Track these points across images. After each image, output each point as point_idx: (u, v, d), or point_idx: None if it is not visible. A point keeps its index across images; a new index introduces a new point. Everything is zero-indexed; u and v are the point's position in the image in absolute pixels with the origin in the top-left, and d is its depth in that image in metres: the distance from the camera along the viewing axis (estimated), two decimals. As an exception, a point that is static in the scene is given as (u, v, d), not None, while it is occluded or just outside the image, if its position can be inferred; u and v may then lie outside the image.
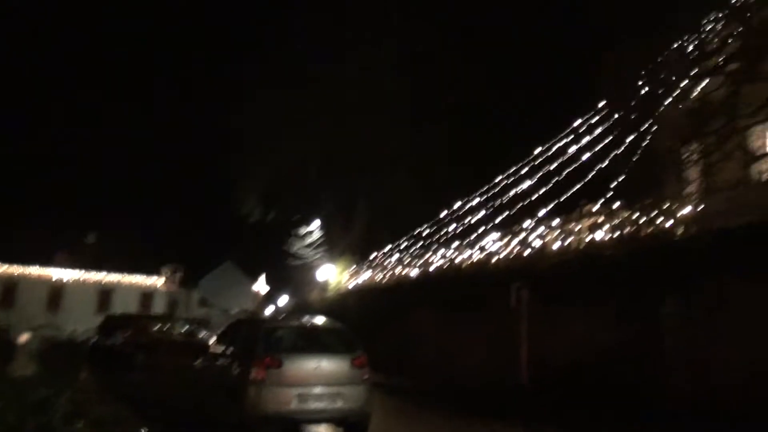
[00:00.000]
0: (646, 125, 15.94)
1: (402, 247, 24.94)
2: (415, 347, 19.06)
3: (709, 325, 11.03)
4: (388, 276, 24.01)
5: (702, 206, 12.71)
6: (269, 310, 78.86)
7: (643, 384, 11.65)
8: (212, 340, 12.45)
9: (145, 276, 46.02)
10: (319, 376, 9.50)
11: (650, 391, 11.51)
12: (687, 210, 12.20)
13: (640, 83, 15.19)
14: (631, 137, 16.25)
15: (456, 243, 20.03)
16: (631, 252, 12.64)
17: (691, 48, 15.00)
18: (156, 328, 21.02)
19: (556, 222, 15.67)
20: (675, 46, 15.01)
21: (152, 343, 18.90)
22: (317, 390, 9.43)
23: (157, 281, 46.47)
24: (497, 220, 20.87)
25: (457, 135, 35.03)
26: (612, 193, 15.55)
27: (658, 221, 12.59)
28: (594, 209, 14.66)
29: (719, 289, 10.83)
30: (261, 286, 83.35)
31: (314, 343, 10.15)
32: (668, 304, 11.74)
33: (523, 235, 16.64)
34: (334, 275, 29.31)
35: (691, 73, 14.39)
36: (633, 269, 12.43)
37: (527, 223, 17.12)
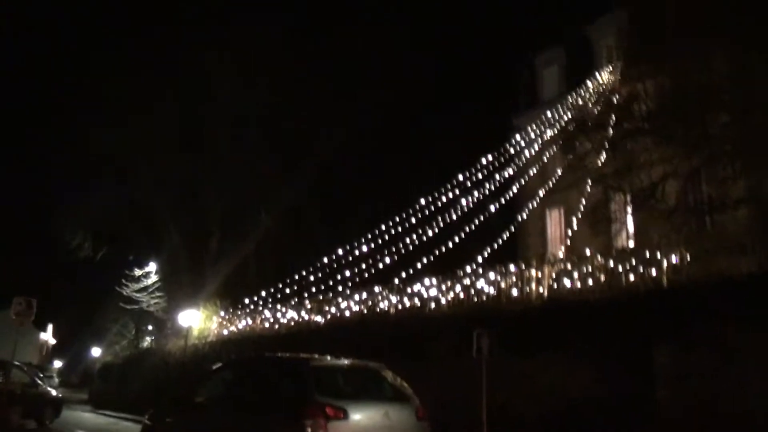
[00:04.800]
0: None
1: (291, 290, 23.09)
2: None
3: (708, 375, 11.18)
4: (282, 322, 22.02)
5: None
6: (57, 364, 69.28)
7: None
8: (188, 389, 9.89)
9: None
10: (388, 430, 7.86)
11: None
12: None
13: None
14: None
15: (378, 288, 18.89)
16: (619, 299, 12.65)
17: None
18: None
19: (513, 268, 15.40)
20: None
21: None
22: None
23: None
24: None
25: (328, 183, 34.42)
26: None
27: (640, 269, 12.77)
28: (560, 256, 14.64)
29: (718, 338, 11.08)
30: (49, 335, 73.22)
31: (372, 388, 8.46)
32: (662, 353, 11.82)
33: (468, 281, 16.10)
34: (198, 321, 26.23)
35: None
36: (618, 316, 12.45)
37: (469, 269, 16.65)
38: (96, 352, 51.20)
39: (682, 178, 15.82)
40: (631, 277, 12.98)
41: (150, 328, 40.10)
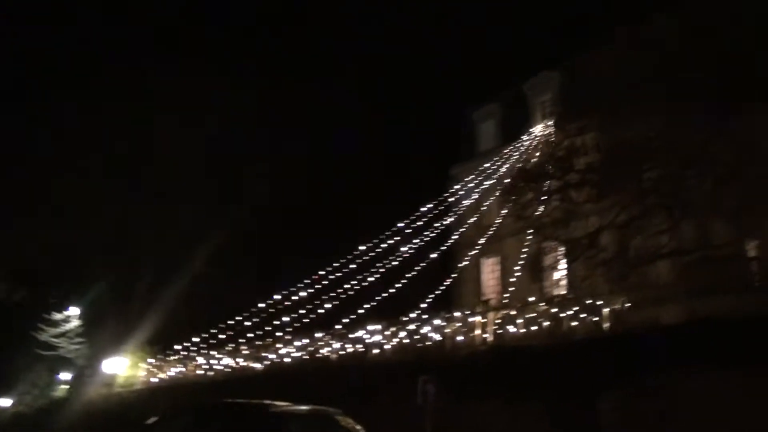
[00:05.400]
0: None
1: (226, 336, 22.39)
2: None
3: (653, 423, 11.41)
4: (217, 368, 21.24)
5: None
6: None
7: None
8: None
9: None
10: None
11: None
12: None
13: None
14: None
15: (320, 333, 18.57)
16: (563, 346, 12.89)
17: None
18: None
19: (457, 314, 15.49)
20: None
21: None
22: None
23: None
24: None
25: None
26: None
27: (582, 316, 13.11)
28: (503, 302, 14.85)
29: (661, 385, 11.41)
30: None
31: None
32: (605, 401, 11.99)
33: (413, 326, 16.07)
34: (124, 369, 24.95)
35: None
36: (562, 363, 12.65)
37: (412, 316, 16.64)
38: (5, 402, 47.65)
39: (617, 230, 16.48)
40: (574, 324, 13.26)
41: (68, 376, 37.79)
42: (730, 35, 14.18)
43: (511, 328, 14.13)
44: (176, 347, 24.37)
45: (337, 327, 18.44)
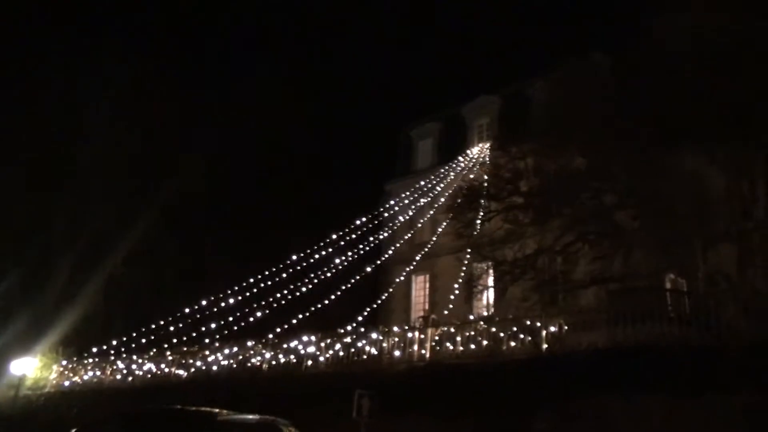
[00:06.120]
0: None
1: (147, 340, 21.52)
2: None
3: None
4: (137, 374, 20.36)
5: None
6: None
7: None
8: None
9: None
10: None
11: None
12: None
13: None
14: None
15: (251, 342, 18.14)
16: (501, 364, 13.15)
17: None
18: None
19: (396, 329, 15.53)
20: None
21: None
22: None
23: None
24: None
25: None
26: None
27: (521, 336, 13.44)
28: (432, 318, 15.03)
29: (599, 406, 11.85)
30: None
31: None
32: (540, 420, 12.32)
33: (349, 339, 16.00)
34: (33, 370, 23.47)
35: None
36: (500, 382, 12.91)
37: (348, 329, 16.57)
38: None
39: (554, 254, 17.05)
40: (512, 344, 13.57)
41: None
42: (671, 72, 14.92)
43: (450, 345, 14.28)
44: (93, 350, 23.18)
45: (269, 336, 18.07)
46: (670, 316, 14.74)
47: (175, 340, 21.10)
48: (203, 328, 21.49)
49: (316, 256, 24.15)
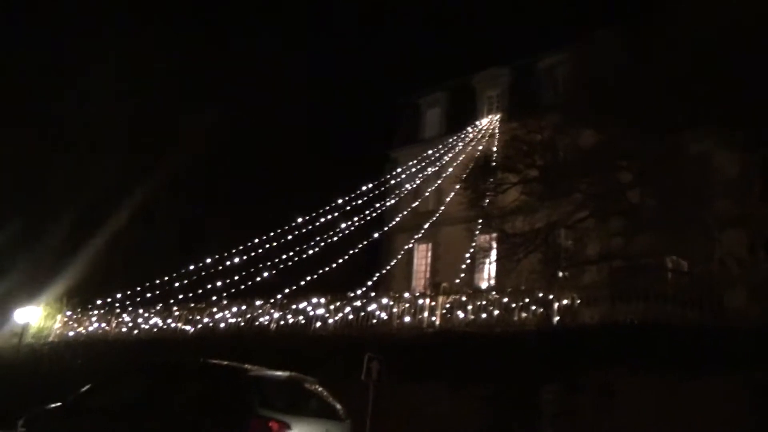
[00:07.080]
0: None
1: (153, 295, 21.65)
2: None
3: (590, 415, 12.01)
4: (143, 327, 20.53)
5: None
6: None
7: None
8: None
9: None
10: (329, 447, 7.63)
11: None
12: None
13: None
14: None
15: (259, 301, 18.29)
16: (511, 335, 13.32)
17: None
18: None
19: (407, 295, 15.68)
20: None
21: None
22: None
23: None
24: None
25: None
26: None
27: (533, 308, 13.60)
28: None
29: (605, 381, 12.03)
30: None
31: (309, 403, 8.16)
32: (548, 391, 12.51)
33: (359, 303, 16.15)
34: (37, 319, 23.59)
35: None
36: (509, 352, 13.08)
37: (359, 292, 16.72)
38: None
39: (565, 229, 17.16)
40: (524, 315, 13.74)
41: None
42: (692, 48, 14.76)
43: (461, 314, 14.45)
44: (97, 302, 23.31)
45: (278, 297, 18.21)
46: (672, 296, 14.93)
47: (180, 296, 21.25)
48: (209, 286, 21.63)
49: (322, 219, 24.27)
